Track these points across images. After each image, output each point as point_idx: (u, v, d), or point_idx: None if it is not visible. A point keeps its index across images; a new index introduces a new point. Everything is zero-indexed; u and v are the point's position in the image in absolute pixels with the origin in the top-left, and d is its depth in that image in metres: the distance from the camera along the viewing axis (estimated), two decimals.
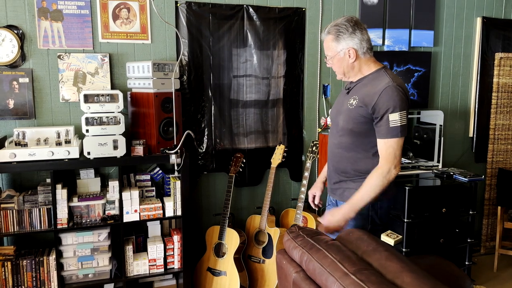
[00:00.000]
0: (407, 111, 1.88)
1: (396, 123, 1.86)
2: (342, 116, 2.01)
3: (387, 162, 1.89)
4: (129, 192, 2.56)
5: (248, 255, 3.02)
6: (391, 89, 1.86)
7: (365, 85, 1.96)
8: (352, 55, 1.94)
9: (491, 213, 3.73)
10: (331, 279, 1.45)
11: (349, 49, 1.94)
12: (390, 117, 1.85)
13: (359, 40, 1.93)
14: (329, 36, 1.97)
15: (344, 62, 1.97)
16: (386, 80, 1.89)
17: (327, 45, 2.00)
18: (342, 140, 2.03)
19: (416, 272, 1.41)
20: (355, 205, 1.92)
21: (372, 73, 1.98)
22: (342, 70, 2.01)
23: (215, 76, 2.96)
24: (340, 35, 1.94)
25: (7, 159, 2.29)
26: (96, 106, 2.43)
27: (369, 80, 1.97)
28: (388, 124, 1.86)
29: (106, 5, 2.70)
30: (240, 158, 2.98)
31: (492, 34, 3.57)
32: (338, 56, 1.97)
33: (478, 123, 3.64)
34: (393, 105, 1.85)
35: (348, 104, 1.99)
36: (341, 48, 1.95)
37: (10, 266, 2.43)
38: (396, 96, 1.85)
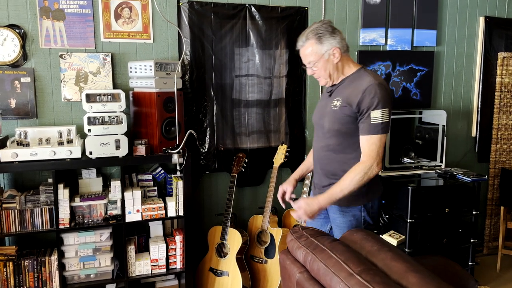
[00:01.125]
0: (389, 109, 1.89)
1: (377, 120, 1.87)
2: (327, 118, 2.01)
3: (370, 158, 1.89)
4: (131, 192, 2.55)
5: (250, 255, 3.01)
6: (374, 87, 1.87)
7: (347, 85, 1.97)
8: (337, 55, 1.94)
9: (493, 213, 3.72)
10: (335, 279, 1.44)
11: (333, 49, 1.93)
12: (372, 114, 1.87)
13: (340, 39, 1.95)
14: (309, 41, 1.95)
15: (329, 64, 1.96)
16: (369, 79, 1.91)
17: (308, 51, 1.97)
18: (330, 142, 2.02)
19: (421, 273, 1.40)
20: (332, 196, 1.92)
21: (353, 74, 1.99)
22: (327, 74, 1.99)
23: (217, 75, 2.95)
24: (322, 37, 1.93)
25: (9, 158, 2.28)
26: (98, 105, 2.42)
27: (350, 80, 1.98)
28: (369, 121, 1.87)
29: (108, 4, 2.70)
30: (242, 158, 2.97)
31: (495, 34, 3.56)
32: (323, 59, 1.95)
33: (481, 123, 3.62)
34: (376, 102, 1.86)
35: (332, 106, 1.99)
36: (325, 50, 1.94)
37: (12, 266, 2.42)
38: (379, 94, 1.86)
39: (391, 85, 3.34)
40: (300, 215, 1.94)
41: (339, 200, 1.98)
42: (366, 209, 2.05)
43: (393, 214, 3.05)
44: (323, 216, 2.22)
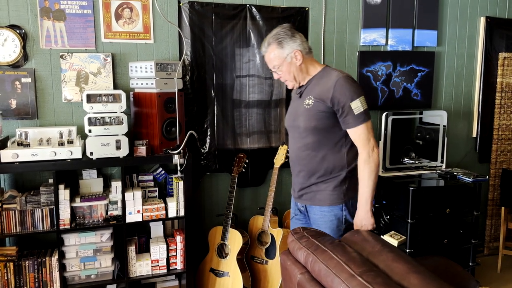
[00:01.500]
0: (364, 96, 1.96)
1: (359, 109, 1.93)
2: (302, 118, 2.04)
3: (364, 148, 1.97)
4: (132, 192, 2.55)
5: (251, 255, 3.01)
6: (343, 80, 1.94)
7: (316, 84, 2.03)
8: (299, 57, 2.00)
9: (494, 214, 3.72)
10: (337, 281, 1.44)
11: (294, 51, 1.99)
12: (352, 105, 1.92)
13: (300, 41, 2.01)
14: (271, 46, 2.01)
15: (292, 66, 2.02)
16: (335, 73, 1.98)
17: (271, 56, 2.03)
18: (308, 141, 2.05)
19: (423, 274, 1.40)
20: (363, 200, 1.98)
21: (318, 72, 2.05)
22: (292, 76, 2.04)
23: (218, 76, 2.95)
24: (282, 41, 1.99)
25: (10, 159, 2.28)
26: (99, 106, 2.42)
27: (318, 79, 2.03)
28: (353, 113, 1.93)
29: (109, 5, 2.69)
30: (243, 158, 2.97)
31: (496, 34, 3.56)
32: (285, 62, 2.01)
33: (482, 123, 3.62)
34: (351, 94, 1.92)
35: (305, 105, 2.03)
36: (287, 53, 1.99)
37: (12, 267, 2.42)
38: (350, 85, 1.93)
39: (392, 86, 3.34)
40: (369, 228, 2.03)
41: (320, 201, 2.06)
42: (347, 207, 2.08)
43: (394, 214, 3.05)
44: (302, 217, 2.23)
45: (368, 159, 1.96)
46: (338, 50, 3.22)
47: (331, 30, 3.18)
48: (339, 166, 2.05)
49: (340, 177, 2.05)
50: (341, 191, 2.05)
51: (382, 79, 3.31)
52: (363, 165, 1.97)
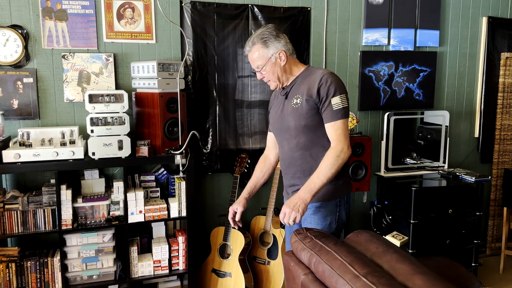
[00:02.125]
0: (346, 95, 1.96)
1: (338, 106, 1.93)
2: (292, 118, 2.02)
3: (340, 142, 1.93)
4: (134, 192, 2.55)
5: (253, 256, 3.00)
6: (328, 76, 1.95)
7: (301, 83, 2.02)
8: (283, 57, 1.99)
9: (496, 214, 3.71)
10: (341, 282, 1.43)
11: (279, 52, 1.98)
12: (333, 101, 1.92)
13: (284, 42, 2.01)
14: (255, 46, 2.00)
15: (276, 66, 2.01)
16: (321, 71, 1.99)
17: (255, 56, 2.01)
18: (300, 140, 2.03)
19: (427, 275, 1.39)
20: (311, 185, 1.89)
21: (302, 72, 2.05)
22: (276, 76, 2.03)
23: (220, 76, 2.95)
24: (267, 41, 1.98)
25: (12, 159, 2.28)
26: (101, 106, 2.41)
27: (302, 78, 2.03)
28: (331, 107, 1.93)
29: (111, 5, 2.69)
30: (245, 158, 2.96)
31: (498, 34, 3.55)
32: (270, 62, 2.00)
33: (484, 123, 3.62)
34: (333, 89, 1.92)
35: (293, 105, 2.01)
36: (272, 53, 1.99)
37: (14, 267, 2.41)
38: (334, 81, 1.94)
39: (394, 86, 3.33)
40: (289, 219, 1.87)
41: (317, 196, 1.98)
42: (341, 204, 2.06)
43: (396, 215, 3.05)
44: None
45: (340, 153, 1.91)
46: (340, 50, 3.21)
47: (333, 30, 3.18)
48: None
49: None
50: (336, 186, 2.02)
51: (384, 79, 3.30)
52: (332, 156, 1.90)
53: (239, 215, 2.22)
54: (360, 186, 3.00)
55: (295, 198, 1.89)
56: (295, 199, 1.89)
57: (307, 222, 2.09)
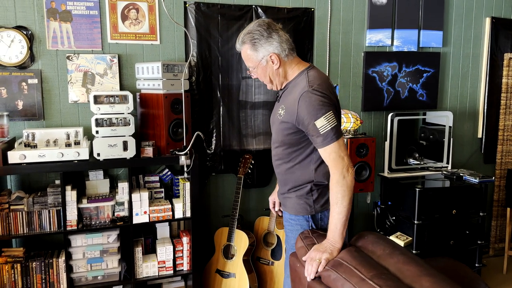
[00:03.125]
0: (332, 111, 1.73)
1: (325, 128, 1.71)
2: (274, 127, 1.93)
3: (337, 168, 1.74)
4: (138, 193, 2.55)
5: (256, 257, 3.00)
6: (306, 96, 1.72)
7: (289, 92, 1.84)
8: (276, 61, 1.80)
9: (499, 215, 3.71)
10: (347, 285, 1.43)
11: (270, 55, 1.79)
12: (317, 124, 1.71)
13: (278, 43, 1.79)
14: (245, 46, 1.82)
15: (268, 69, 1.83)
16: (302, 86, 1.77)
17: (245, 56, 1.85)
18: (278, 152, 1.93)
19: (435, 276, 1.39)
20: (336, 226, 1.73)
21: (295, 78, 1.85)
22: (268, 79, 1.87)
23: (224, 77, 2.95)
24: (256, 43, 1.79)
25: (17, 160, 2.28)
26: (106, 107, 2.42)
27: (292, 86, 1.84)
28: (318, 132, 1.72)
29: (115, 6, 2.69)
30: (249, 159, 2.97)
31: (501, 35, 3.55)
32: (260, 65, 1.82)
33: (487, 124, 3.61)
34: (314, 112, 1.71)
35: (278, 115, 1.88)
36: (262, 56, 1.80)
37: (19, 268, 2.42)
38: (314, 101, 1.71)
39: (398, 86, 3.33)
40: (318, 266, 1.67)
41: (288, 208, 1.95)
42: (313, 220, 1.91)
43: (400, 215, 3.05)
44: None
45: (342, 180, 1.72)
46: (344, 51, 3.21)
47: (337, 31, 3.18)
48: (306, 180, 1.88)
49: (306, 189, 1.89)
50: (307, 202, 1.89)
51: (387, 79, 3.30)
52: (335, 187, 1.73)
53: (278, 204, 2.21)
54: (364, 186, 3.00)
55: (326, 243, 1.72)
56: (325, 245, 1.71)
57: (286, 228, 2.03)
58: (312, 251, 1.70)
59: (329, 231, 1.75)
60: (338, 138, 1.73)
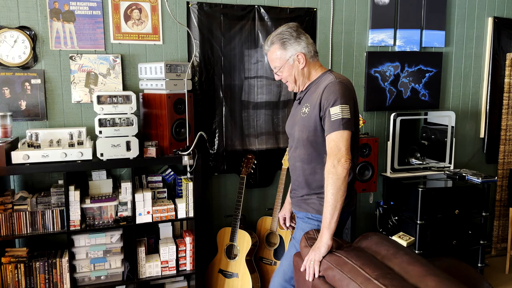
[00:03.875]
0: (350, 106, 1.79)
1: (337, 116, 1.76)
2: (297, 127, 1.93)
3: (330, 157, 1.76)
4: (141, 193, 2.56)
5: (259, 256, 3.00)
6: (333, 84, 1.81)
7: (313, 91, 1.91)
8: (302, 60, 1.89)
9: (502, 215, 3.71)
10: (352, 285, 1.43)
11: (298, 54, 1.89)
12: (331, 111, 1.77)
13: (305, 44, 1.90)
14: (274, 46, 1.91)
15: (294, 69, 1.92)
16: (330, 78, 1.86)
17: (273, 56, 1.93)
18: (300, 152, 1.93)
19: (439, 276, 1.40)
20: (326, 221, 1.73)
21: (318, 77, 1.93)
22: (293, 79, 1.94)
23: (226, 77, 2.95)
24: (285, 42, 1.89)
25: (21, 160, 2.28)
26: (109, 107, 2.42)
27: (316, 85, 1.92)
28: (330, 118, 1.77)
29: (118, 6, 2.69)
30: (251, 159, 2.97)
31: (504, 34, 3.55)
32: (287, 64, 1.91)
33: (490, 124, 3.61)
34: (334, 98, 1.77)
35: (301, 113, 1.92)
36: (289, 55, 1.89)
37: (23, 268, 2.42)
38: (338, 90, 1.79)
39: (400, 86, 3.33)
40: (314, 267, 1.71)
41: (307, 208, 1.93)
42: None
43: (402, 215, 3.05)
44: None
45: (332, 168, 1.73)
46: (346, 51, 3.21)
47: (339, 31, 3.18)
48: None
49: None
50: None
51: (390, 79, 3.30)
52: (326, 176, 1.75)
53: (289, 220, 2.24)
54: (367, 187, 3.00)
55: (317, 240, 1.75)
56: (317, 242, 1.74)
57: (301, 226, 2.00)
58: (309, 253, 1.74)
59: (323, 228, 1.75)
60: (344, 130, 1.75)
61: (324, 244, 1.70)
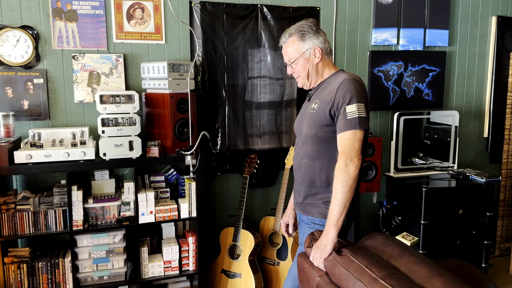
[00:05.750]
0: (365, 104, 1.79)
1: (353, 115, 1.75)
2: (305, 123, 1.92)
3: (343, 155, 1.75)
4: (144, 193, 2.55)
5: (262, 257, 2.99)
6: (348, 82, 1.80)
7: (324, 88, 1.90)
8: (318, 54, 1.89)
9: (506, 215, 3.69)
10: (358, 284, 1.42)
11: (315, 48, 1.89)
12: (347, 109, 1.76)
13: (323, 39, 1.91)
14: (292, 38, 1.90)
15: (309, 63, 1.91)
16: (343, 76, 1.86)
17: (290, 48, 1.91)
18: (307, 149, 1.91)
19: (446, 277, 1.38)
20: (332, 218, 1.72)
21: (330, 76, 1.93)
22: (306, 73, 1.92)
23: (229, 76, 2.94)
24: (305, 35, 1.88)
25: (24, 160, 2.28)
26: (112, 107, 2.41)
27: (328, 82, 1.91)
28: (345, 116, 1.76)
29: (121, 5, 2.69)
30: (254, 159, 2.95)
31: (507, 33, 3.53)
32: (303, 57, 1.90)
33: (493, 123, 3.60)
34: (350, 96, 1.77)
35: (310, 109, 1.91)
36: (307, 48, 1.89)
37: (25, 268, 2.41)
38: (353, 88, 1.78)
39: (403, 86, 3.32)
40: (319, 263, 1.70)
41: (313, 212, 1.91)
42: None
43: (406, 215, 3.04)
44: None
45: (344, 168, 1.72)
46: (349, 50, 3.20)
47: (342, 30, 3.16)
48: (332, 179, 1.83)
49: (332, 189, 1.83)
50: None
51: (393, 79, 3.29)
52: (337, 174, 1.74)
53: (292, 227, 2.21)
54: (371, 186, 2.99)
55: (322, 237, 1.73)
56: (322, 238, 1.72)
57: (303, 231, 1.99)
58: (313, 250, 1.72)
59: (328, 225, 1.73)
60: (360, 129, 1.76)
61: (330, 241, 1.68)
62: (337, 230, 1.70)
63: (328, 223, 1.74)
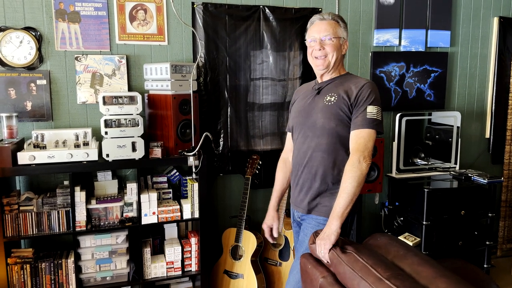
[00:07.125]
0: (381, 110, 1.89)
1: (372, 116, 1.84)
2: (321, 115, 1.90)
3: (357, 152, 1.79)
4: (147, 194, 2.55)
5: (264, 257, 3.00)
6: (372, 85, 1.91)
7: (339, 84, 1.95)
8: (346, 47, 1.99)
9: (507, 215, 3.69)
10: (363, 284, 1.42)
11: (346, 41, 1.99)
12: (369, 109, 1.84)
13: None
14: (333, 22, 1.94)
15: (339, 50, 1.95)
16: (363, 79, 1.96)
17: (330, 26, 1.92)
18: (322, 142, 1.89)
19: (450, 278, 1.39)
20: (337, 210, 1.74)
21: (343, 75, 2.00)
22: (332, 55, 1.92)
23: (232, 77, 2.94)
24: (341, 25, 1.96)
25: (27, 161, 2.28)
26: (115, 108, 2.41)
27: (343, 80, 1.97)
28: (365, 114, 1.83)
29: (123, 7, 2.69)
30: (256, 160, 2.96)
31: (509, 34, 3.53)
32: (337, 41, 1.94)
33: (495, 124, 3.60)
34: (373, 97, 1.86)
35: (325, 101, 1.92)
36: (343, 36, 1.97)
37: (29, 268, 2.42)
38: (377, 92, 1.90)
39: (405, 86, 3.32)
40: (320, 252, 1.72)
41: (319, 211, 1.91)
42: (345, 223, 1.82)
43: (408, 216, 3.04)
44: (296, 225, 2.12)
45: (358, 164, 1.76)
46: (351, 51, 3.20)
47: None
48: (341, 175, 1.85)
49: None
50: None
51: (395, 79, 3.29)
52: (349, 169, 1.76)
53: (276, 230, 2.20)
54: (373, 187, 2.99)
55: (325, 228, 1.74)
56: (325, 229, 1.74)
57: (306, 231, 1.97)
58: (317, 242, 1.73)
59: (331, 214, 1.75)
60: (375, 130, 1.84)
61: (333, 231, 1.70)
62: (341, 221, 1.73)
63: (332, 215, 1.75)
